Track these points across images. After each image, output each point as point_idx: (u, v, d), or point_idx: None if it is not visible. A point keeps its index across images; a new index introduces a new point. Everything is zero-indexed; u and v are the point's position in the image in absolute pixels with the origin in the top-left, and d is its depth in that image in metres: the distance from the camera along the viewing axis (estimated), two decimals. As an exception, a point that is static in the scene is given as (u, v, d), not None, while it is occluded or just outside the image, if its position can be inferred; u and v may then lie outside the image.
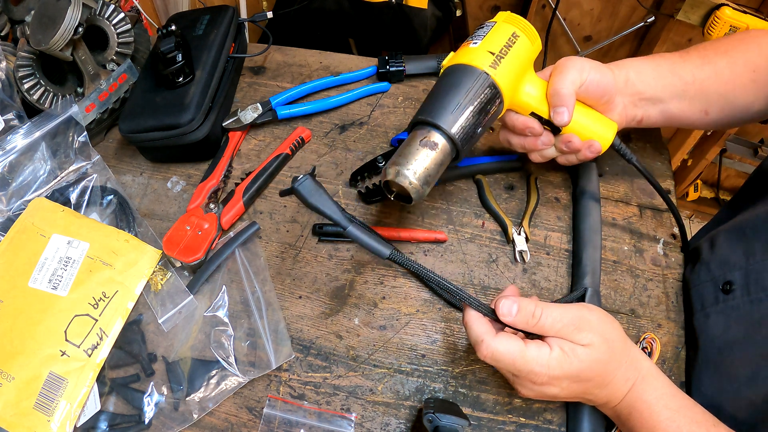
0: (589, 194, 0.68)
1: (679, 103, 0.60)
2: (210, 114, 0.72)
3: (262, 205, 0.71)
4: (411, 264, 0.50)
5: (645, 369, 0.49)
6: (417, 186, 0.51)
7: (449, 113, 0.52)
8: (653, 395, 0.48)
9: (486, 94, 0.53)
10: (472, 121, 0.52)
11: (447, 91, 0.53)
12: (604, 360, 0.47)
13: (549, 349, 0.46)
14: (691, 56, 0.61)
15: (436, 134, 0.52)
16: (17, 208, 0.67)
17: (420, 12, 1.39)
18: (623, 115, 0.60)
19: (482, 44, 0.55)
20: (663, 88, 0.59)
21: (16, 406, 0.55)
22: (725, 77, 0.60)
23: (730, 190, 1.89)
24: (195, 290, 0.64)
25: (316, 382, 0.60)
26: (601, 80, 0.56)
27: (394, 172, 0.51)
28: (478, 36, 0.56)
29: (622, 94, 0.59)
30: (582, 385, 0.47)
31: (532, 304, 0.47)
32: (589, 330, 0.46)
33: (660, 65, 0.60)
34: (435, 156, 0.52)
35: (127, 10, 0.93)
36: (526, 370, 0.46)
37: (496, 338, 0.47)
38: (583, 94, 0.56)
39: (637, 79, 0.59)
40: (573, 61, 0.56)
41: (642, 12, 1.55)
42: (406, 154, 0.52)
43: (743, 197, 0.67)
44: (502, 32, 0.55)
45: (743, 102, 0.61)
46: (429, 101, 0.54)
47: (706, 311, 0.60)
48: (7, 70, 0.69)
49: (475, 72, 0.53)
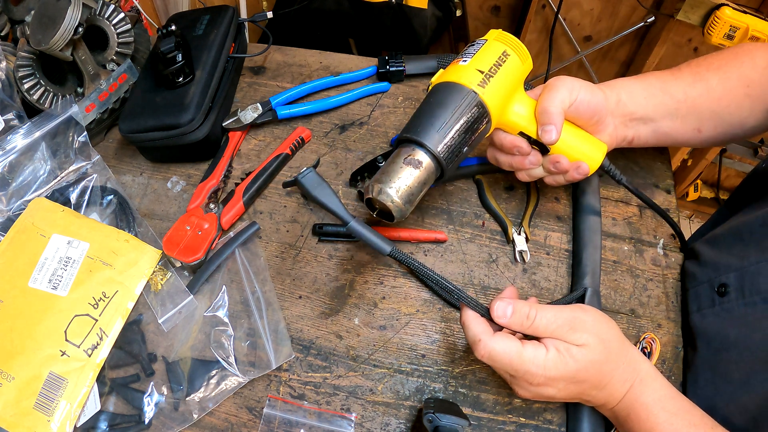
0: (589, 194, 0.68)
1: (671, 121, 0.60)
2: (210, 114, 0.72)
3: (262, 205, 0.71)
4: (411, 261, 0.50)
5: (643, 371, 0.49)
6: (399, 204, 0.50)
7: (435, 131, 0.51)
8: (651, 397, 0.48)
9: (473, 113, 0.52)
10: (458, 140, 0.52)
11: (433, 109, 0.52)
12: (600, 360, 0.47)
13: (545, 350, 0.46)
14: (683, 73, 0.60)
15: (420, 152, 0.51)
16: (17, 208, 0.67)
17: (420, 12, 1.39)
18: (614, 135, 0.59)
19: (471, 62, 0.54)
20: (654, 108, 0.59)
21: (16, 406, 0.56)
22: (718, 93, 0.59)
23: (730, 190, 1.89)
24: (195, 290, 0.64)
25: (316, 382, 0.60)
26: (591, 100, 0.55)
27: (377, 190, 0.51)
28: (467, 54, 0.55)
29: (613, 114, 0.58)
30: (579, 386, 0.47)
31: (526, 306, 0.47)
32: (583, 330, 0.46)
33: (651, 84, 0.59)
34: (419, 174, 0.51)
35: (127, 10, 0.93)
36: (522, 370, 0.46)
37: (494, 338, 0.47)
38: (573, 113, 0.56)
39: (628, 99, 0.58)
40: (563, 80, 0.55)
41: (642, 12, 1.55)
42: (390, 171, 0.51)
43: (739, 199, 0.67)
44: (493, 50, 0.55)
45: (737, 118, 0.60)
46: (415, 119, 0.53)
47: (702, 313, 0.60)
48: (7, 70, 0.69)
49: (463, 90, 0.52)
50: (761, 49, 0.60)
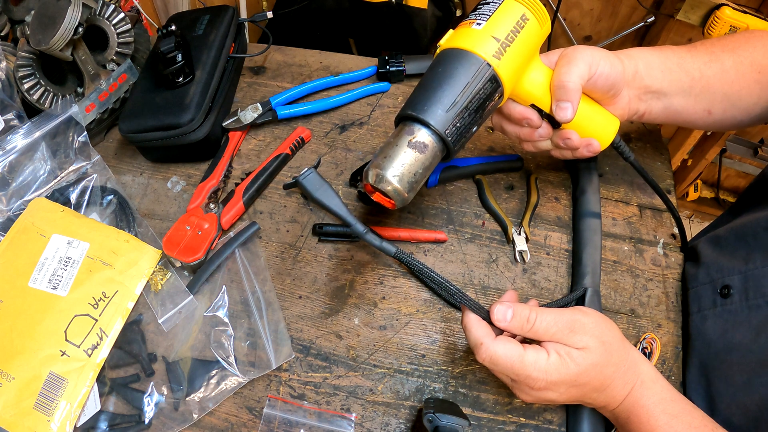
0: (589, 194, 0.68)
1: (684, 99, 0.58)
2: (210, 114, 0.72)
3: (262, 205, 0.71)
4: (415, 263, 0.48)
5: (644, 373, 0.49)
6: (402, 192, 0.46)
7: (442, 109, 0.46)
8: (652, 400, 0.48)
9: (486, 89, 0.47)
10: (468, 119, 0.47)
11: (441, 82, 0.47)
12: (601, 363, 0.46)
13: (546, 354, 0.46)
14: (699, 51, 0.59)
15: (425, 133, 0.46)
16: (17, 208, 0.67)
17: (420, 12, 1.39)
18: (626, 109, 0.57)
19: (487, 27, 0.47)
20: (670, 83, 0.57)
21: (16, 406, 0.55)
22: (731, 76, 0.58)
23: (730, 190, 1.89)
24: (195, 290, 0.64)
25: (316, 382, 0.60)
26: (610, 73, 0.52)
27: (376, 176, 0.46)
28: (482, 15, 0.49)
29: (630, 86, 0.55)
30: (580, 389, 0.47)
31: (526, 309, 0.47)
32: (583, 333, 0.46)
33: (668, 58, 0.57)
34: (423, 159, 0.46)
35: (127, 10, 0.93)
36: (524, 374, 0.46)
37: (496, 341, 0.47)
38: (590, 87, 0.53)
39: (645, 71, 0.56)
40: (583, 52, 0.52)
41: (642, 12, 1.55)
42: (391, 155, 0.46)
43: (745, 202, 0.67)
44: (511, 13, 0.48)
45: (746, 103, 0.60)
46: (420, 92, 0.47)
47: (704, 314, 0.60)
48: (7, 70, 0.69)
49: (477, 62, 0.46)
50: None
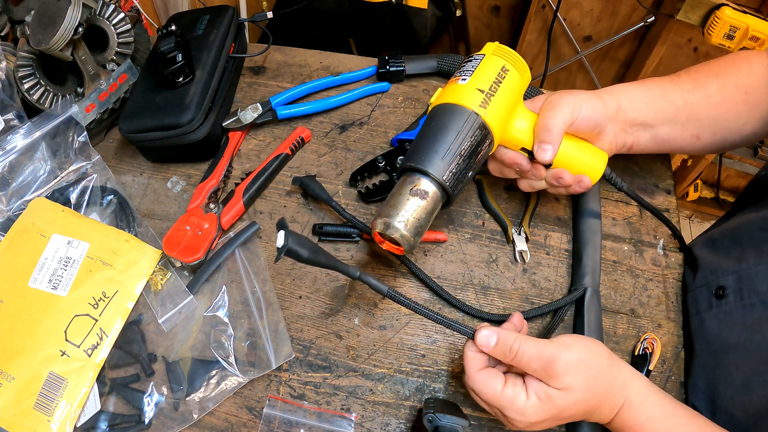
0: (589, 194, 0.68)
1: (670, 128, 0.60)
2: (210, 114, 0.72)
3: (262, 205, 0.71)
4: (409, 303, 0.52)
5: (633, 394, 0.48)
6: (408, 237, 0.49)
7: (438, 158, 0.50)
8: (639, 420, 0.48)
9: (476, 136, 0.51)
10: (463, 165, 0.51)
11: (435, 134, 0.51)
12: (584, 399, 0.47)
13: (525, 396, 0.47)
14: (682, 80, 0.60)
15: (425, 181, 0.50)
16: (17, 208, 0.67)
17: (420, 12, 1.39)
18: (613, 142, 0.59)
19: (471, 81, 0.53)
20: (654, 114, 0.58)
21: (16, 406, 0.56)
22: (716, 100, 0.59)
23: (730, 190, 1.89)
24: (195, 290, 0.64)
25: (316, 382, 0.60)
26: (592, 115, 0.55)
27: (384, 225, 0.50)
28: (466, 71, 0.54)
29: (614, 121, 0.58)
30: (566, 419, 0.48)
31: (511, 337, 0.47)
32: (565, 374, 0.46)
33: (651, 90, 0.59)
34: (425, 205, 0.50)
35: (127, 10, 0.93)
36: (503, 409, 0.47)
37: (478, 372, 0.48)
38: (573, 130, 0.56)
39: (628, 105, 0.58)
40: (565, 98, 0.54)
41: (642, 12, 1.55)
42: (396, 204, 0.50)
43: (740, 204, 0.67)
44: (492, 67, 0.53)
45: (735, 125, 0.60)
46: (417, 145, 0.52)
47: (701, 315, 0.60)
48: (7, 70, 0.69)
49: (465, 112, 0.51)
50: (758, 56, 0.60)
